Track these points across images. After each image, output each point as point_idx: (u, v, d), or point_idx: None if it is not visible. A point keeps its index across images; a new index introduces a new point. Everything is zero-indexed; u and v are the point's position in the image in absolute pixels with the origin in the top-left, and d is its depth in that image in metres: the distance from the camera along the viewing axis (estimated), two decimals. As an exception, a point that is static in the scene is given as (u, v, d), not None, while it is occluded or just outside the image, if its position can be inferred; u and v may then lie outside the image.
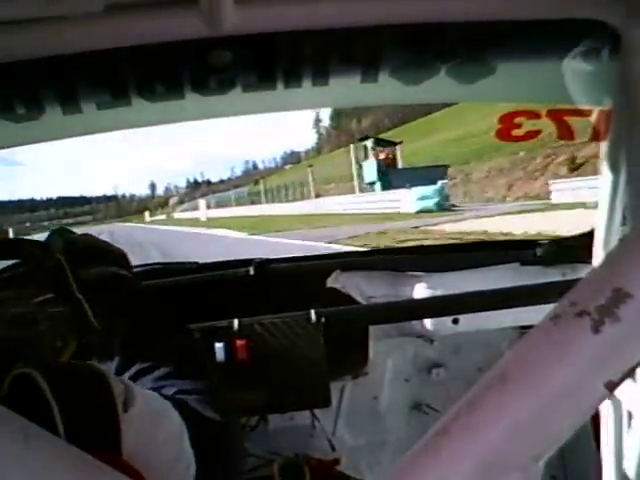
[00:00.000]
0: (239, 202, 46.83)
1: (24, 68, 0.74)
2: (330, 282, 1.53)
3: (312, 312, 1.30)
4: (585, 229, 1.36)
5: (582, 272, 1.43)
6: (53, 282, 0.71)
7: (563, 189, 17.41)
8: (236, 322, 1.28)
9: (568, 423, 0.37)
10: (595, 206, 0.84)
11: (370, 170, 26.60)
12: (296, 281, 1.52)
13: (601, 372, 0.37)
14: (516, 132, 0.83)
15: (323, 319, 1.30)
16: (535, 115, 0.84)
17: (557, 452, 0.38)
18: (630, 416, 0.80)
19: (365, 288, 1.52)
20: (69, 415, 0.46)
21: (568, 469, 1.53)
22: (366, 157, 27.40)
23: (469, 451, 0.36)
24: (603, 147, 0.78)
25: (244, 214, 34.93)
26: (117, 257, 0.82)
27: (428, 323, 1.43)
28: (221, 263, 1.67)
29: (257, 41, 0.77)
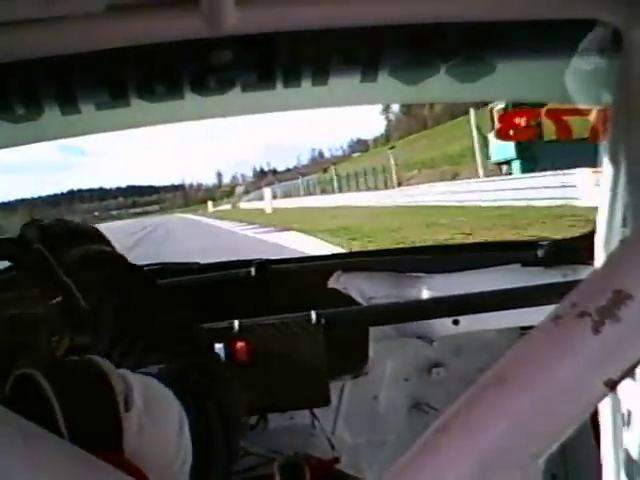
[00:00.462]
0: (308, 191, 43.48)
1: (24, 68, 0.74)
2: (331, 283, 1.53)
3: (313, 313, 1.30)
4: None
5: (583, 273, 1.43)
6: (40, 273, 0.71)
7: None
8: (237, 323, 1.28)
9: (568, 421, 0.37)
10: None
11: (503, 144, 17.73)
12: (297, 282, 1.52)
13: (601, 372, 0.37)
14: (515, 131, 0.83)
15: (323, 320, 1.30)
16: (535, 114, 0.84)
17: (557, 450, 0.38)
18: (629, 414, 0.81)
19: (366, 289, 1.52)
20: (71, 415, 0.46)
21: (568, 467, 1.53)
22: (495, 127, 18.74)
23: (469, 449, 0.36)
24: (603, 148, 0.78)
25: (316, 205, 29.75)
26: (93, 235, 0.82)
27: (428, 324, 1.42)
28: (222, 263, 1.67)
29: (257, 41, 0.77)
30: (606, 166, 0.76)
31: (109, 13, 0.62)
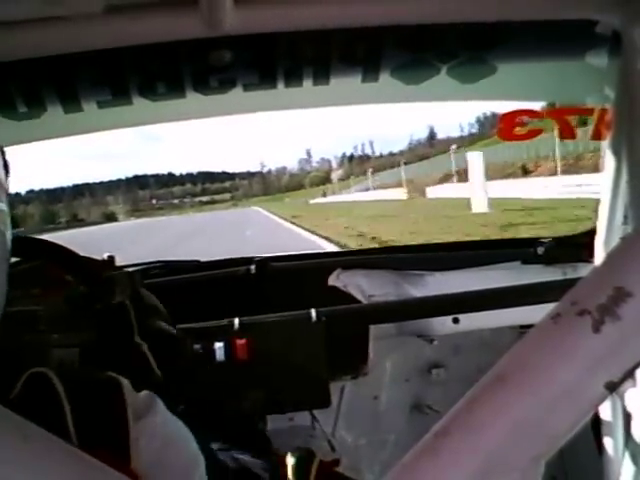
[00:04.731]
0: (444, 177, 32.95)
1: (26, 67, 0.74)
2: (331, 281, 1.53)
3: (313, 311, 1.30)
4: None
5: (583, 271, 1.43)
6: (116, 325, 0.78)
7: None
8: (237, 321, 1.28)
9: (569, 423, 0.37)
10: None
11: None
12: (297, 280, 1.52)
13: (602, 372, 0.36)
14: (518, 131, 0.83)
15: (324, 318, 1.30)
16: (537, 114, 0.84)
17: (558, 452, 0.38)
18: (630, 417, 0.80)
19: (366, 287, 1.52)
20: (80, 416, 0.46)
21: (569, 469, 1.52)
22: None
23: (469, 452, 0.36)
24: (604, 146, 0.78)
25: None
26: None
27: (428, 322, 1.42)
28: (223, 261, 1.67)
29: (258, 41, 0.77)
30: (607, 163, 0.76)
31: (108, 13, 0.62)
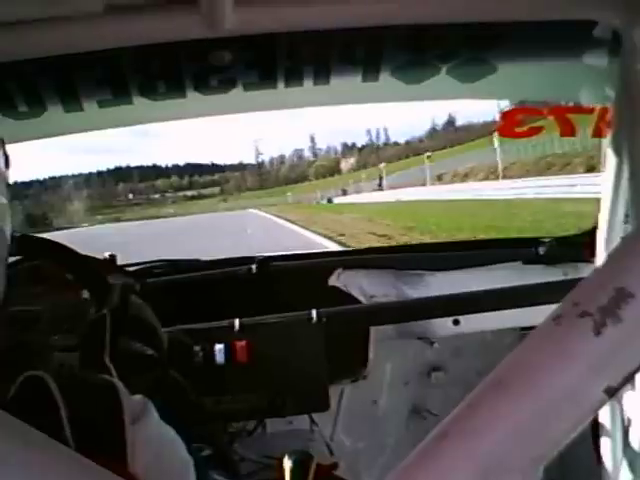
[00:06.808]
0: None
1: (26, 66, 0.74)
2: (332, 281, 1.52)
3: (314, 312, 1.29)
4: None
5: (584, 271, 1.42)
6: (87, 336, 0.74)
7: None
8: (237, 322, 1.28)
9: (568, 427, 0.37)
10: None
11: None
12: (298, 279, 1.52)
13: (602, 375, 0.36)
14: (519, 129, 0.83)
15: (324, 319, 1.29)
16: (537, 112, 0.84)
17: (557, 456, 0.37)
18: (629, 421, 0.80)
19: (367, 287, 1.51)
20: (76, 419, 0.46)
21: (568, 473, 1.52)
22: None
23: (469, 455, 0.35)
24: (605, 144, 0.78)
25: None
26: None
27: (429, 324, 1.42)
28: (224, 260, 1.66)
29: (258, 40, 0.76)
30: (608, 162, 0.76)
31: (108, 13, 0.62)
